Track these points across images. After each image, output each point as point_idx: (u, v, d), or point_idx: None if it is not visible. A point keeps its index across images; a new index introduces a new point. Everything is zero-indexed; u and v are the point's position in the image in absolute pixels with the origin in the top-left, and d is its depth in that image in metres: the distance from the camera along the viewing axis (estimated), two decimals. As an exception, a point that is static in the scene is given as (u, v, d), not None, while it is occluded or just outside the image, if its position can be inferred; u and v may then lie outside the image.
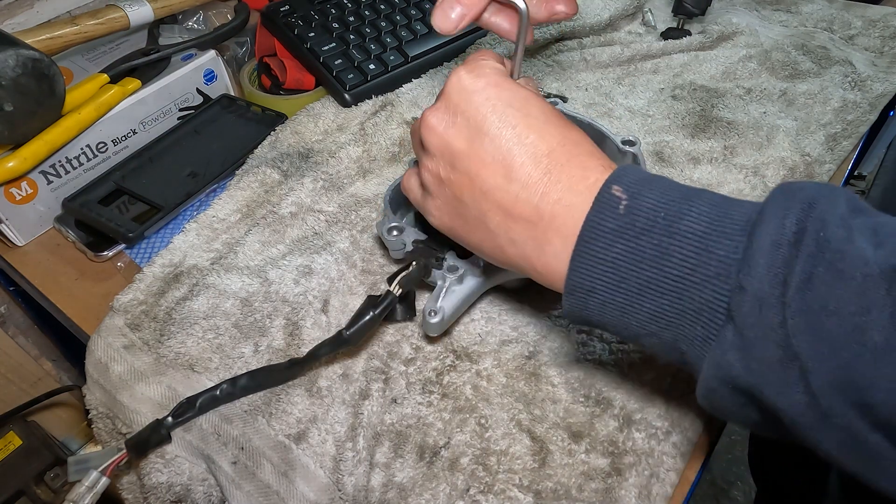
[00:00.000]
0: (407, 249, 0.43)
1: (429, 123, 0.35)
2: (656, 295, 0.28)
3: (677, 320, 0.28)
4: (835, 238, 0.25)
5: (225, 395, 0.40)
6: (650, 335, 0.30)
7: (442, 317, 0.40)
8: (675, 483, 0.38)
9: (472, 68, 0.35)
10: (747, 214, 0.27)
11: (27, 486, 0.74)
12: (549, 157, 0.32)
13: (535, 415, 0.40)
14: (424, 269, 0.42)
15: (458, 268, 0.41)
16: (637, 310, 0.29)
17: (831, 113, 0.62)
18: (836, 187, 0.27)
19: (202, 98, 0.63)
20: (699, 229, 0.28)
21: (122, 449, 0.39)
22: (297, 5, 0.67)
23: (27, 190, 0.52)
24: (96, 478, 0.38)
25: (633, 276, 0.29)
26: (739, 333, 0.26)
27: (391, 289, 0.41)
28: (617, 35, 0.73)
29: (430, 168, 0.36)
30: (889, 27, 0.74)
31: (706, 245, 0.27)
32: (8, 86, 0.46)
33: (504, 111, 0.33)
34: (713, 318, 0.27)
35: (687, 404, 0.40)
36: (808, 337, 0.24)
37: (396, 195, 0.48)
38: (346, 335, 0.40)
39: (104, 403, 0.43)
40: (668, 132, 0.61)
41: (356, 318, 0.40)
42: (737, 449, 1.33)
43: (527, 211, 0.32)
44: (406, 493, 0.37)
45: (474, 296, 0.43)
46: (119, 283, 0.50)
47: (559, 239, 0.31)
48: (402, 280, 0.41)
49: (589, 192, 0.31)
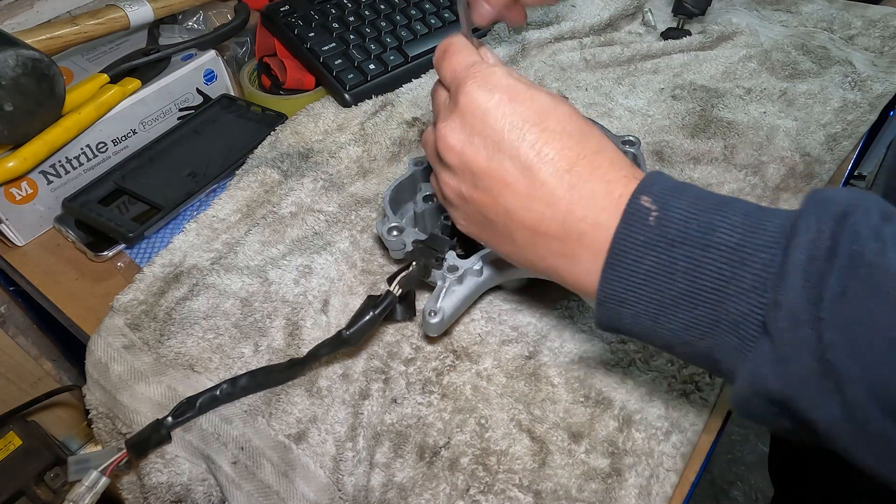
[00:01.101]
0: (407, 249, 0.43)
1: (447, 142, 0.35)
2: (690, 306, 0.28)
3: (711, 331, 0.28)
4: (868, 251, 0.25)
5: (225, 395, 0.40)
6: (683, 344, 0.30)
7: (442, 317, 0.40)
8: (674, 483, 0.38)
9: (482, 82, 0.34)
10: (781, 225, 0.27)
11: (27, 486, 0.73)
12: (571, 173, 0.32)
13: (535, 415, 0.40)
14: (424, 270, 0.42)
15: (458, 268, 0.41)
16: (670, 320, 0.29)
17: (831, 113, 0.62)
18: (867, 194, 0.27)
19: (202, 98, 0.63)
20: (732, 241, 0.27)
21: (122, 449, 0.39)
22: (297, 5, 0.67)
23: (27, 190, 0.52)
24: (96, 477, 0.38)
25: (665, 287, 0.29)
26: (775, 347, 0.26)
27: (391, 289, 0.41)
28: (617, 35, 0.73)
29: (452, 185, 0.36)
30: (889, 27, 0.74)
31: (741, 257, 0.27)
32: (8, 86, 0.46)
33: (521, 127, 0.33)
34: (748, 330, 0.27)
35: (687, 404, 0.40)
36: (844, 351, 0.24)
37: (396, 195, 0.48)
38: (345, 335, 0.40)
39: (104, 403, 0.43)
40: (668, 132, 0.61)
41: (356, 318, 0.40)
42: (737, 449, 1.33)
43: (553, 228, 0.32)
44: (406, 493, 0.37)
45: (474, 296, 0.43)
46: (119, 283, 0.50)
47: (589, 254, 0.31)
48: (402, 280, 0.41)
49: (615, 208, 0.30)
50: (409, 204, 0.49)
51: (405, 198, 0.49)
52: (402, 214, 0.48)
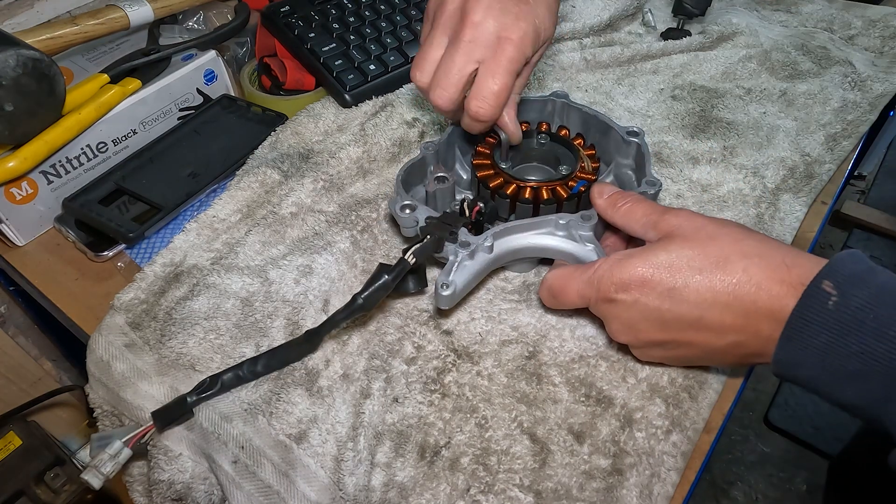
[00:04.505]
0: (419, 227, 0.44)
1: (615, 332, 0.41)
2: (860, 381, 0.31)
3: (880, 403, 0.31)
4: None
5: (248, 374, 0.41)
6: (856, 409, 0.33)
7: (454, 290, 0.41)
8: (675, 483, 0.38)
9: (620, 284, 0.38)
10: None
11: (27, 486, 0.73)
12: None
13: (535, 415, 0.40)
14: (437, 243, 0.43)
15: (470, 243, 0.42)
16: (842, 388, 0.32)
17: (831, 113, 0.62)
18: None
19: (202, 98, 0.63)
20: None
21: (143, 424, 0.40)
22: (298, 5, 0.67)
23: (27, 190, 0.52)
24: (119, 447, 0.39)
25: (837, 364, 0.31)
26: None
27: (405, 257, 0.41)
28: (617, 35, 0.73)
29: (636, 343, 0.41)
30: (889, 27, 0.74)
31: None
32: (8, 86, 0.46)
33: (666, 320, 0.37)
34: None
35: (687, 403, 0.40)
36: None
37: (408, 177, 0.48)
38: (360, 300, 0.40)
39: (108, 401, 0.43)
40: (668, 132, 0.61)
41: (370, 283, 0.41)
42: (737, 449, 1.33)
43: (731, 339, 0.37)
44: (407, 492, 0.37)
45: (484, 272, 0.44)
46: (119, 283, 0.50)
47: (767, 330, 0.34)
48: (416, 250, 0.42)
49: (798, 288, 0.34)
50: (418, 186, 0.50)
51: (415, 180, 0.50)
52: (413, 195, 0.48)
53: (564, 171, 0.49)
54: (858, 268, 0.33)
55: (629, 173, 0.51)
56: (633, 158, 0.50)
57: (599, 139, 0.52)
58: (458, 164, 0.54)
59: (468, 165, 0.53)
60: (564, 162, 0.50)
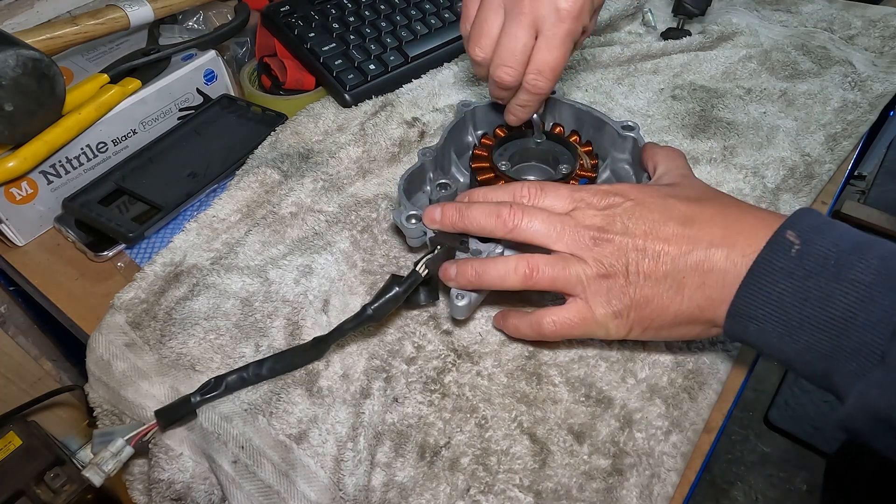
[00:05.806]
0: (426, 237, 0.44)
1: (609, 296, 0.39)
2: (815, 331, 0.31)
3: (832, 355, 0.31)
4: None
5: (252, 377, 0.41)
6: (804, 363, 0.33)
7: (469, 300, 0.41)
8: (675, 483, 0.38)
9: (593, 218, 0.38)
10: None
11: (27, 486, 0.73)
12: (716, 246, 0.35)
13: (535, 415, 0.40)
14: (449, 252, 0.42)
15: (482, 252, 0.42)
16: (795, 340, 0.32)
17: (831, 113, 0.62)
18: None
19: (202, 98, 0.63)
20: (867, 279, 0.30)
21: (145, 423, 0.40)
22: (297, 5, 0.67)
23: (27, 190, 0.52)
24: (121, 445, 0.39)
25: (794, 311, 0.32)
26: (887, 373, 0.29)
27: (417, 268, 0.41)
28: (617, 35, 0.73)
29: None
30: (889, 27, 0.74)
31: (871, 295, 0.30)
32: (8, 86, 0.46)
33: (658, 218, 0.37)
34: (868, 358, 0.30)
35: (687, 403, 0.40)
36: None
37: (409, 185, 0.48)
38: (369, 311, 0.40)
39: (108, 401, 0.43)
40: (668, 132, 0.61)
41: (380, 294, 0.40)
42: (737, 449, 1.33)
43: None
44: (407, 492, 0.37)
45: None
46: (119, 282, 0.50)
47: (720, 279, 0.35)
48: (428, 262, 0.41)
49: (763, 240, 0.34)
50: (419, 194, 0.50)
51: (415, 188, 0.50)
52: (415, 203, 0.48)
53: (565, 171, 0.49)
54: (819, 220, 0.34)
55: (626, 168, 0.51)
56: (630, 153, 0.50)
57: (594, 135, 0.52)
58: (455, 167, 0.54)
59: (465, 169, 0.53)
60: (563, 161, 0.50)
